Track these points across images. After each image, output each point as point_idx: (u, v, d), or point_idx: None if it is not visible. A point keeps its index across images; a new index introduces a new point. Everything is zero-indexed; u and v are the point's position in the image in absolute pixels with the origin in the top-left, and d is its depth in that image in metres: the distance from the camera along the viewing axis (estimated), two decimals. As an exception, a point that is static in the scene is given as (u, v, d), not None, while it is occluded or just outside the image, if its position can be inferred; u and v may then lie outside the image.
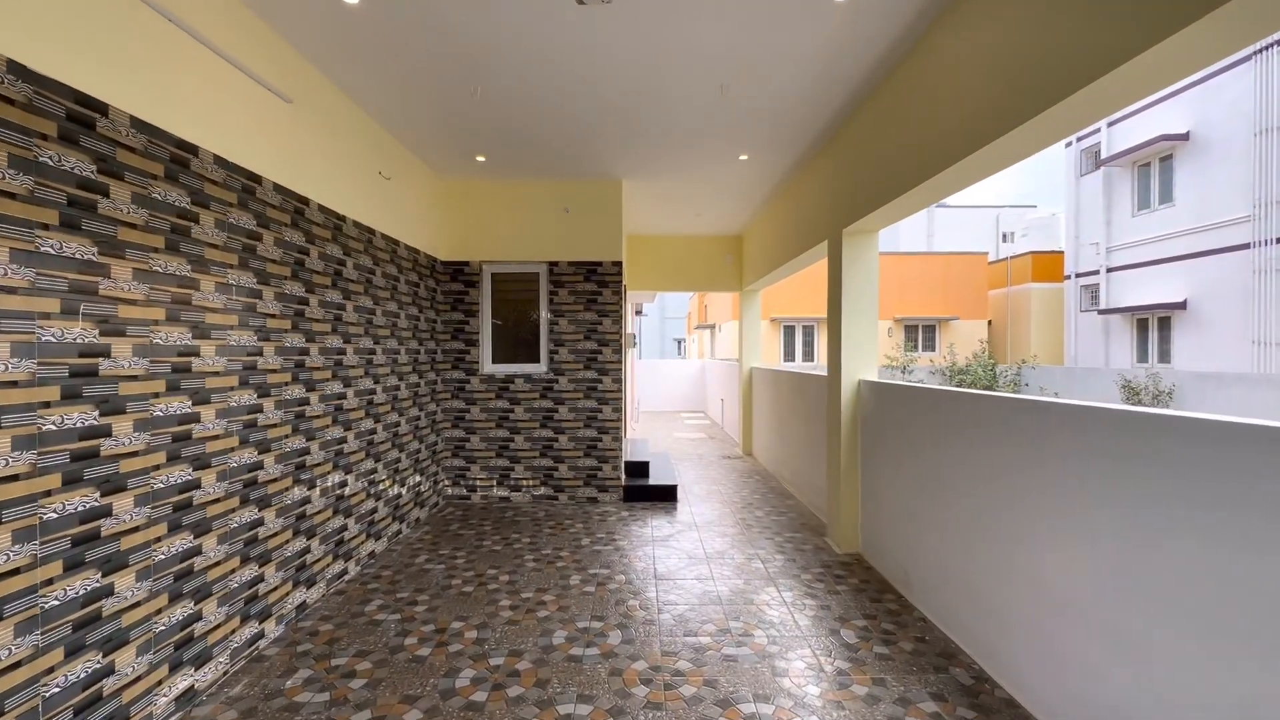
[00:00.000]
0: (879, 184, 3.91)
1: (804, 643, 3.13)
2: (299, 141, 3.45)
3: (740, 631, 3.26)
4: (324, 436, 3.70)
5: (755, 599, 3.68)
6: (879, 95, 3.90)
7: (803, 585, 3.88)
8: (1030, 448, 2.54)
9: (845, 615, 3.44)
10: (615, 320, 6.04)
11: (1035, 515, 2.50)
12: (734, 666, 2.90)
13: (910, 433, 3.64)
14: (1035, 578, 2.49)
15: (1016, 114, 2.53)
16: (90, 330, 2.13)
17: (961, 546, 3.06)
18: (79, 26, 2.09)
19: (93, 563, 2.13)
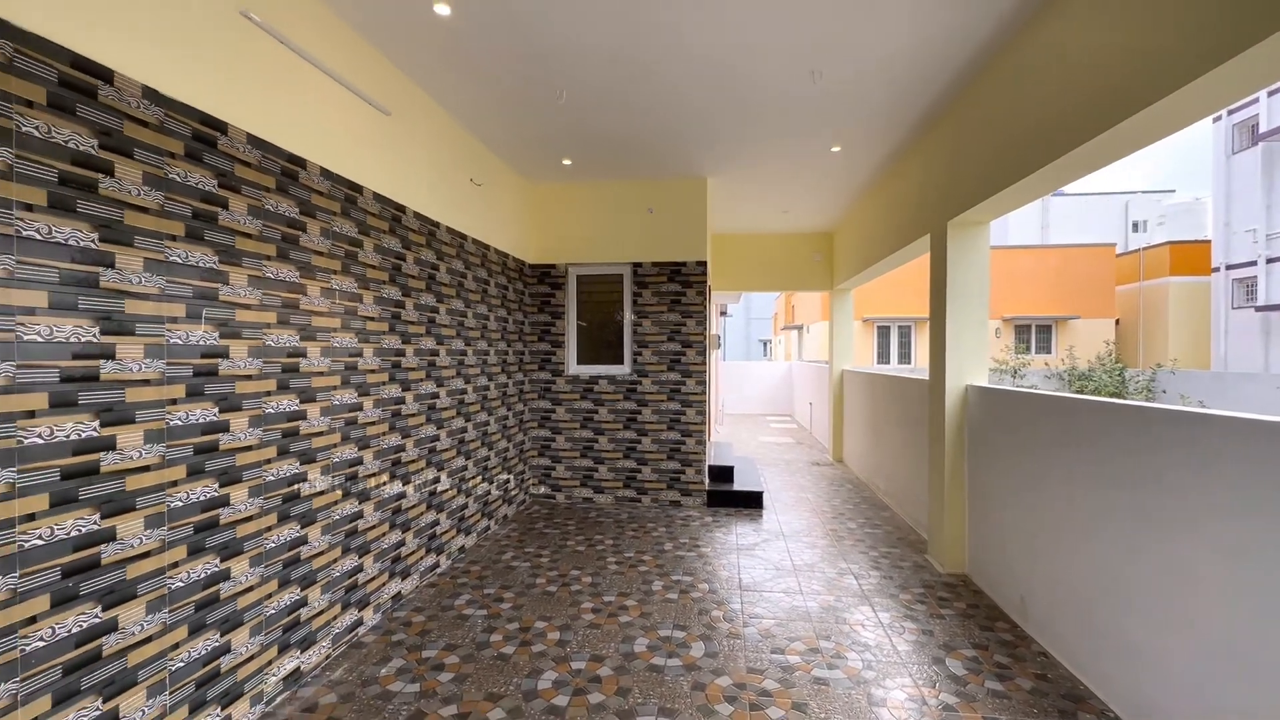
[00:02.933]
0: (990, 171, 3.55)
1: (904, 670, 2.89)
2: (396, 151, 3.61)
3: (832, 652, 3.05)
4: (418, 434, 3.85)
5: (848, 618, 3.44)
6: (991, 72, 3.54)
7: (901, 606, 3.59)
8: (1186, 469, 2.18)
9: (951, 643, 3.14)
10: (699, 321, 5.93)
11: (1196, 546, 2.14)
12: (825, 691, 2.71)
13: (1031, 444, 3.27)
14: (1198, 621, 2.14)
15: (1156, 87, 2.19)
16: (211, 333, 2.31)
17: (1095, 576, 2.69)
18: (203, 52, 2.27)
19: (212, 548, 2.30)
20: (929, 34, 3.23)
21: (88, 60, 1.85)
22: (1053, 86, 2.92)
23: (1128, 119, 2.37)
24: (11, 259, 1.65)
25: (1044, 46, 3.01)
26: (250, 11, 2.45)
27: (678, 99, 4.04)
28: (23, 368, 1.68)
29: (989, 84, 3.59)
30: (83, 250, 1.84)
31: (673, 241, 5.93)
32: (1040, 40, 3.04)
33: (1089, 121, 2.61)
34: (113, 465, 1.93)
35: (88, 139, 1.85)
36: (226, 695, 2.35)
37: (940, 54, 3.44)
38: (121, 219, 1.96)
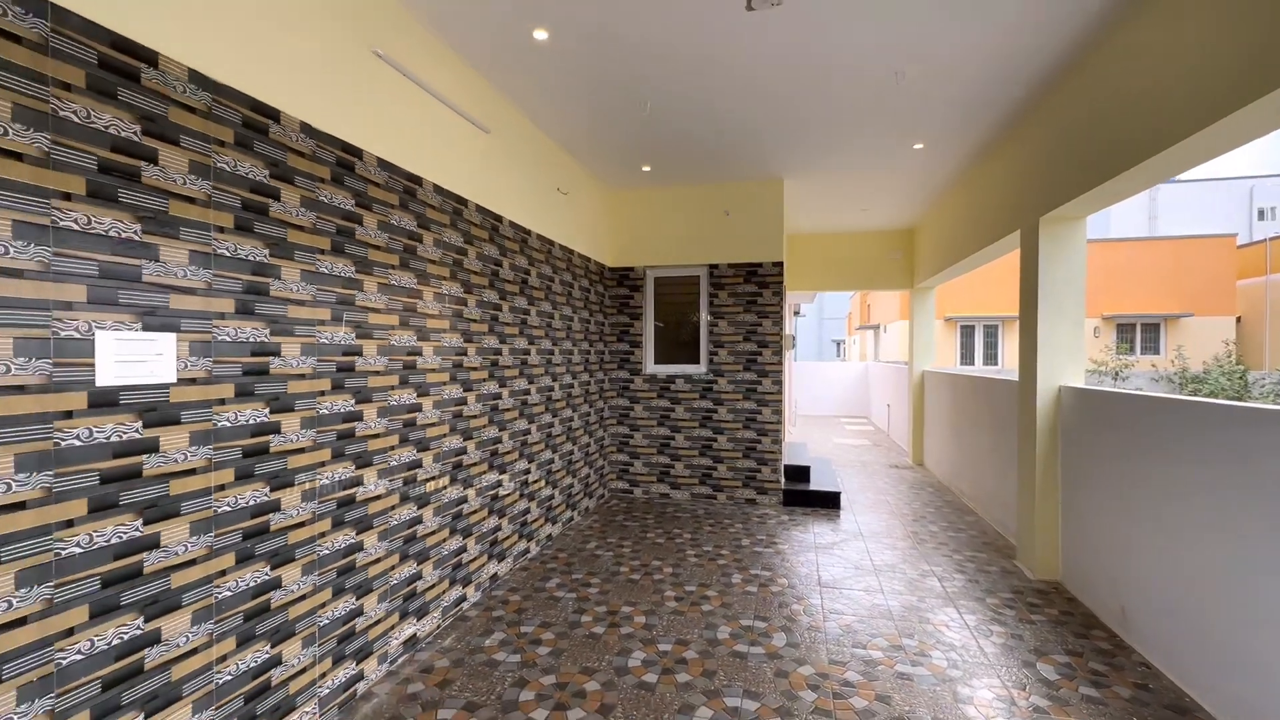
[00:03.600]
0: (1087, 164, 3.44)
1: (991, 671, 2.87)
2: (494, 166, 3.91)
3: (915, 650, 3.07)
4: (512, 428, 4.14)
5: (931, 618, 3.43)
6: (1091, 61, 3.43)
7: (988, 610, 3.54)
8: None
9: (1042, 648, 3.09)
10: (775, 322, 5.97)
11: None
12: (909, 686, 2.75)
13: (1133, 449, 3.15)
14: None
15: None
16: (349, 333, 2.63)
17: (1213, 587, 2.59)
18: (342, 89, 2.59)
19: (350, 522, 2.63)
20: (1018, 28, 3.18)
21: (264, 104, 2.19)
22: (1164, 72, 2.82)
23: (1253, 102, 2.26)
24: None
25: (1154, 28, 2.91)
26: (380, 50, 2.78)
27: (758, 103, 4.14)
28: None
29: (1088, 74, 3.48)
30: (253, 263, 2.17)
31: (749, 243, 6.01)
32: (1148, 23, 2.94)
33: (1204, 108, 2.52)
34: (281, 446, 2.27)
35: (262, 169, 2.19)
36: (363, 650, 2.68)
37: (1029, 46, 3.37)
38: (285, 237, 2.30)
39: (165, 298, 1.85)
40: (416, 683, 2.77)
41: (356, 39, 2.66)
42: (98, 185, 1.67)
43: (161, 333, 1.84)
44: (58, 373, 1.59)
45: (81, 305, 1.64)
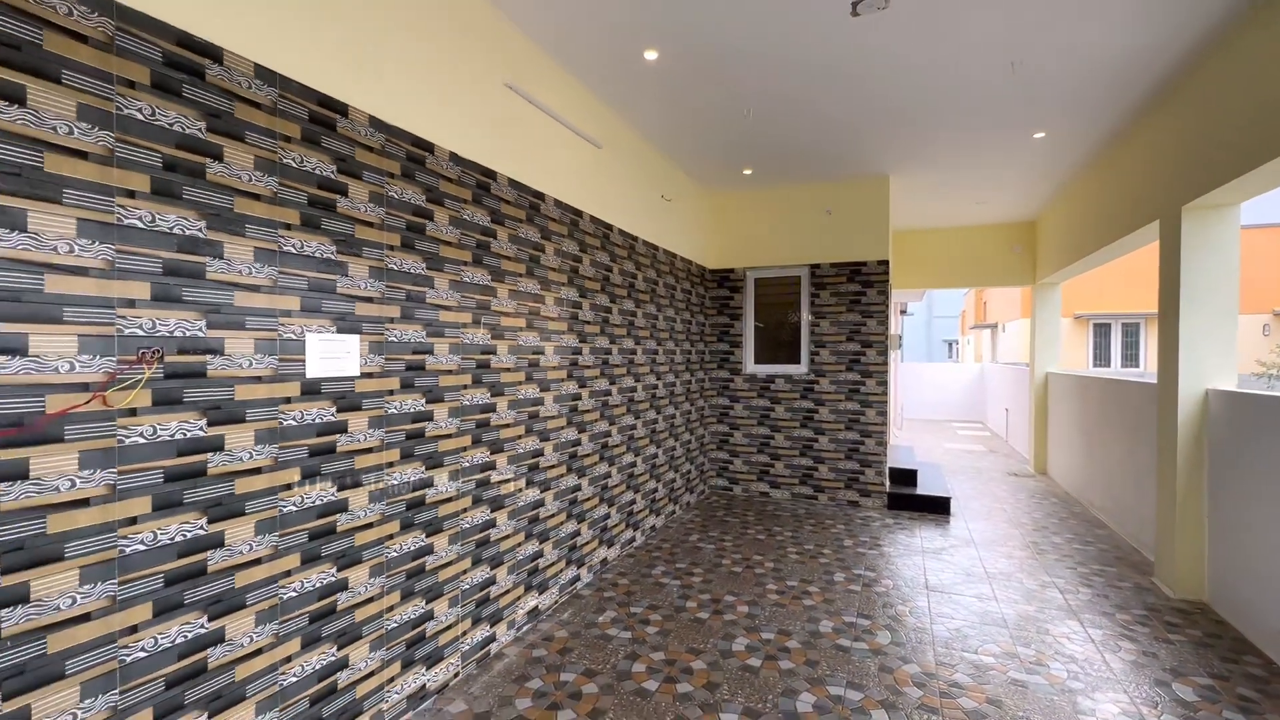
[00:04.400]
0: (1243, 145, 3.15)
1: (1117, 687, 2.74)
2: (604, 177, 4.19)
3: (1031, 659, 2.98)
4: (620, 422, 4.41)
5: (1051, 629, 3.30)
6: (1246, 34, 3.15)
7: (1117, 625, 3.34)
8: None
9: (1180, 669, 2.89)
10: (880, 321, 5.86)
11: None
12: (1024, 692, 2.69)
13: (1288, 457, 2.87)
14: None
15: None
16: (485, 335, 2.99)
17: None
18: (480, 121, 2.95)
19: (485, 501, 2.98)
20: (1150, 9, 2.99)
21: (424, 140, 2.57)
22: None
23: None
24: (371, 280, 2.38)
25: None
26: (511, 82, 3.12)
27: (863, 103, 4.13)
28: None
29: (1246, 44, 3.19)
30: (414, 275, 2.55)
31: (852, 241, 5.94)
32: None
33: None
34: (348, 446, 2.64)
35: (420, 195, 2.57)
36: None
37: (1171, 24, 3.15)
38: (438, 252, 2.67)
39: (351, 306, 2.25)
40: (540, 648, 3.08)
41: (491, 74, 3.01)
42: (310, 216, 2.08)
43: (349, 335, 2.24)
44: (281, 366, 2.00)
45: (297, 312, 2.05)
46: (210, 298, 1.79)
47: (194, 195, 1.75)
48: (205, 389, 1.78)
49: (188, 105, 1.73)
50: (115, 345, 1.58)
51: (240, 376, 1.87)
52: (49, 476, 1.45)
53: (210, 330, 1.79)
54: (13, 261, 1.39)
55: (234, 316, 1.85)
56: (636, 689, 2.70)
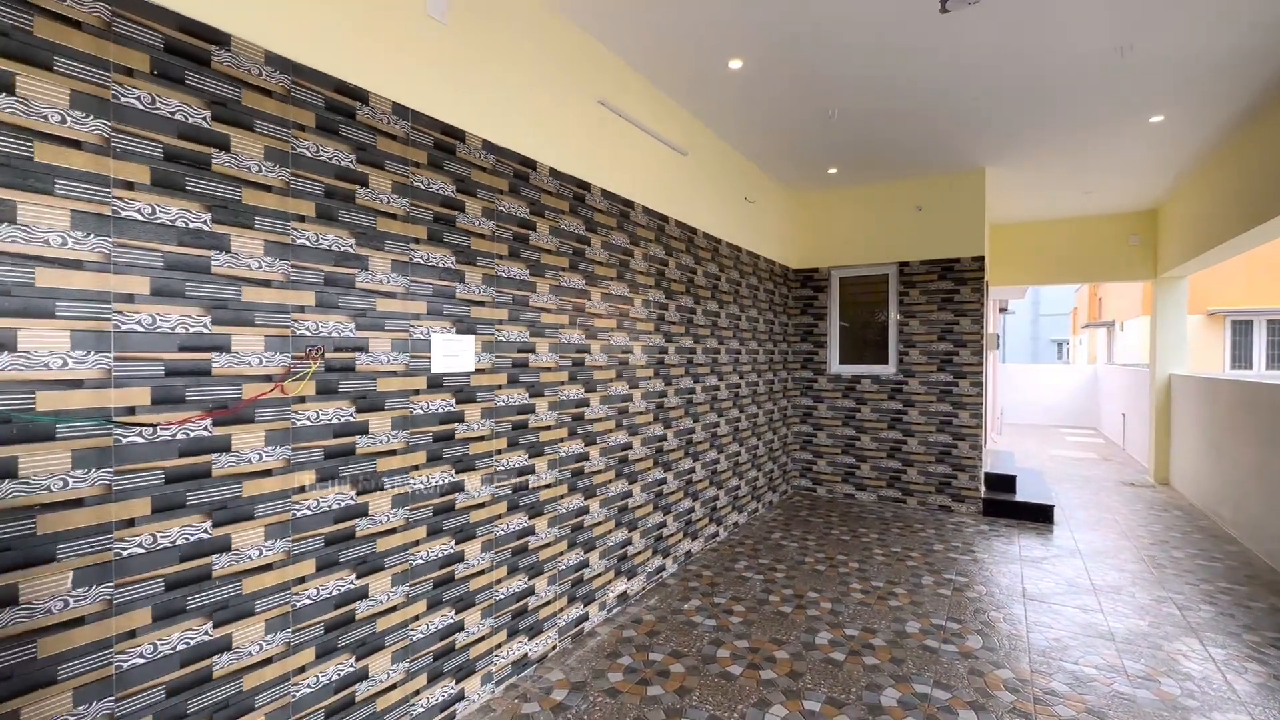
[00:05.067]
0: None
1: (1241, 709, 2.57)
2: (689, 183, 4.34)
3: (1140, 674, 2.84)
4: (704, 420, 4.55)
5: (1165, 646, 3.11)
6: (1398, 2, 2.84)
7: (1245, 646, 3.10)
8: None
9: (1317, 695, 2.66)
10: (975, 320, 5.63)
11: None
12: (1129, 706, 2.59)
13: None
14: None
15: None
16: (580, 335, 3.22)
17: None
18: (574, 136, 3.19)
19: (581, 489, 3.21)
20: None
21: (529, 158, 2.83)
22: None
23: None
24: (485, 288, 2.66)
25: None
26: (604, 99, 3.34)
27: (956, 97, 4.04)
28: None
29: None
30: (519, 280, 2.82)
31: (944, 238, 5.75)
32: None
33: None
34: (464, 434, 2.90)
35: (525, 208, 2.83)
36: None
37: (1309, -3, 2.89)
38: (539, 259, 2.93)
39: (468, 309, 2.54)
40: (629, 630, 3.27)
41: (585, 92, 3.24)
42: (435, 231, 2.38)
43: (466, 335, 2.52)
44: (413, 363, 2.30)
45: (424, 316, 2.34)
46: (358, 304, 2.11)
47: (346, 217, 2.07)
48: (354, 381, 2.10)
49: (344, 142, 2.06)
50: (290, 344, 1.91)
51: (380, 371, 2.18)
52: (245, 450, 1.79)
53: (358, 331, 2.11)
54: (228, 279, 1.74)
55: (376, 320, 2.17)
56: (721, 672, 2.83)
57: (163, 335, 1.63)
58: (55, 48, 1.45)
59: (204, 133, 1.71)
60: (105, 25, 1.53)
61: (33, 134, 1.41)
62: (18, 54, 1.39)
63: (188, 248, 1.67)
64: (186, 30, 1.67)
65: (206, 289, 1.71)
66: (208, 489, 1.71)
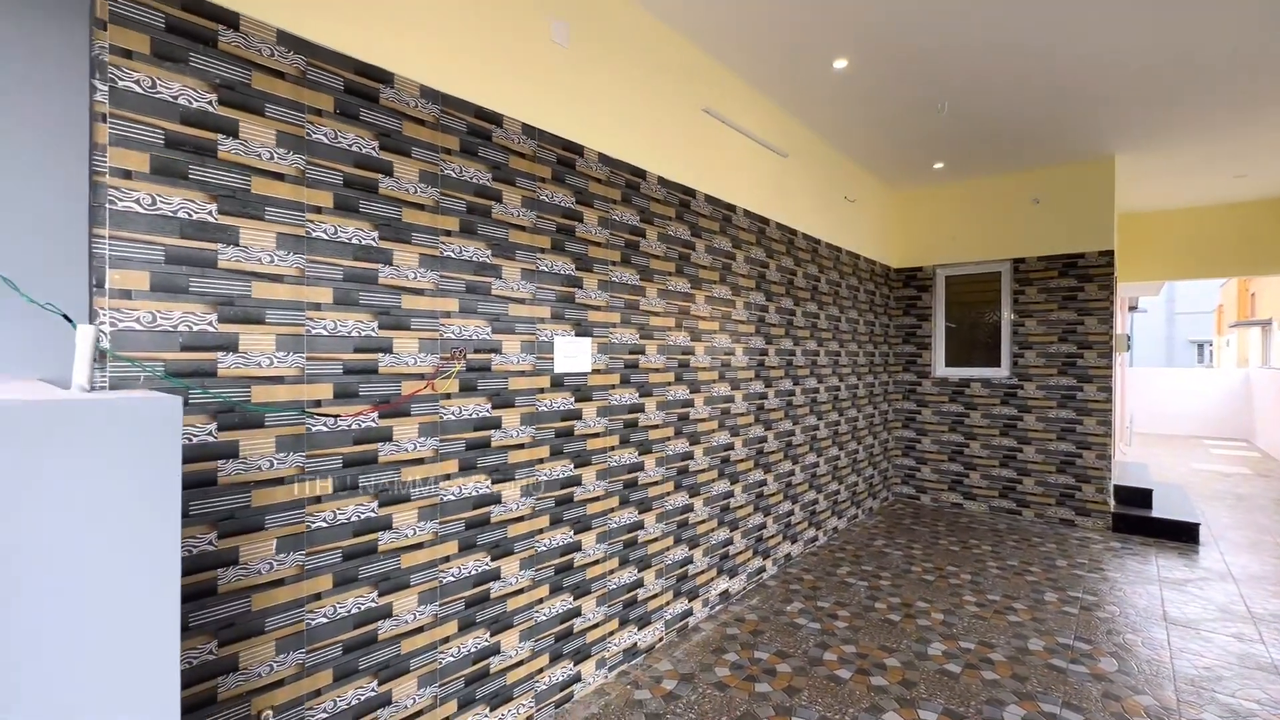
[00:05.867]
0: None
1: None
2: (789, 184, 4.33)
3: (1313, 712, 2.55)
4: (804, 423, 4.51)
5: (1344, 684, 2.76)
6: None
7: None
8: None
9: None
10: (1103, 320, 5.21)
11: None
12: (1300, 745, 2.33)
13: None
14: None
15: None
16: (685, 337, 3.31)
17: None
18: (679, 145, 3.28)
19: (685, 488, 3.30)
20: None
21: (639, 168, 2.96)
22: None
23: None
24: (605, 295, 2.80)
25: None
26: (708, 108, 3.42)
27: (1083, 79, 3.78)
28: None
29: None
30: (630, 286, 2.95)
31: (1065, 231, 5.36)
32: None
33: None
34: (582, 431, 3.02)
35: (634, 216, 2.97)
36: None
37: None
38: (649, 265, 3.05)
39: (585, 313, 2.69)
40: (733, 627, 3.32)
41: (689, 101, 3.34)
42: (557, 240, 2.55)
43: (584, 337, 2.68)
44: (538, 363, 2.48)
45: (548, 319, 2.52)
46: (494, 309, 2.31)
47: (484, 231, 2.27)
48: (490, 380, 2.30)
49: (481, 162, 2.26)
50: (438, 346, 2.13)
51: (511, 371, 2.37)
52: (403, 440, 2.02)
53: (494, 334, 2.31)
54: (390, 289, 1.98)
55: (508, 323, 2.36)
56: (829, 675, 2.82)
57: (342, 338, 1.87)
58: (266, 96, 1.72)
59: (372, 160, 1.95)
60: (301, 73, 1.79)
61: (250, 170, 1.69)
62: (240, 104, 1.67)
63: (361, 262, 1.92)
64: (361, 73, 1.92)
65: (374, 298, 1.95)
66: (374, 473, 1.95)
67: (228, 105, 1.64)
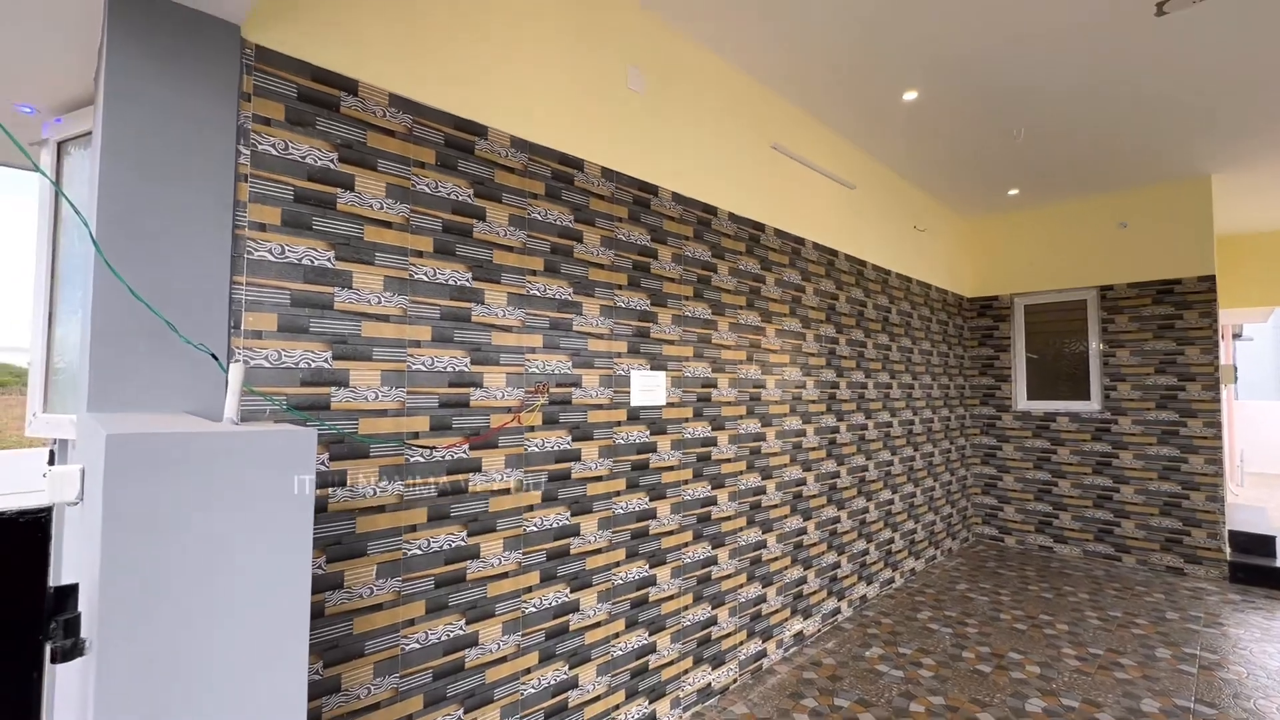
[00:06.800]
0: None
1: None
2: (857, 215, 4.29)
3: None
4: (877, 458, 4.37)
5: None
6: None
7: None
8: None
9: None
10: (1206, 350, 4.84)
11: None
12: None
13: None
14: None
15: None
16: (757, 370, 3.31)
17: None
18: (750, 183, 3.33)
19: (758, 523, 3.25)
20: None
21: (711, 205, 3.03)
22: None
23: None
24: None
25: None
26: (777, 144, 3.47)
27: (1172, 99, 3.62)
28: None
29: None
30: (702, 320, 2.98)
31: (1157, 256, 5.06)
32: None
33: None
34: (657, 464, 3.01)
35: (706, 252, 3.02)
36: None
37: None
38: (720, 299, 3.08)
39: (659, 347, 2.74)
40: (809, 671, 3.20)
41: (758, 139, 3.40)
42: (634, 276, 2.63)
43: (659, 371, 2.72)
44: (615, 397, 2.53)
45: (624, 354, 2.58)
46: (574, 344, 2.39)
47: (567, 270, 2.37)
48: (570, 413, 2.36)
49: (564, 205, 2.38)
50: (524, 380, 2.21)
51: (590, 404, 2.43)
52: (491, 470, 2.10)
53: (574, 369, 2.38)
54: (482, 326, 2.09)
55: (587, 358, 2.43)
56: (917, 728, 2.67)
57: (438, 373, 1.98)
58: (379, 152, 1.88)
59: (468, 207, 2.08)
60: (408, 130, 1.95)
61: (363, 219, 1.84)
62: (357, 160, 1.83)
63: (456, 301, 2.04)
64: (459, 127, 2.07)
65: (467, 335, 2.06)
66: (465, 502, 2.03)
67: (346, 162, 1.81)
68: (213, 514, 0.97)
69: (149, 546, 0.91)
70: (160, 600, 0.91)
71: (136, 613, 0.88)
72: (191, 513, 0.95)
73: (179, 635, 0.92)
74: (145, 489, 0.90)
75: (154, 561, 0.91)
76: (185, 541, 0.94)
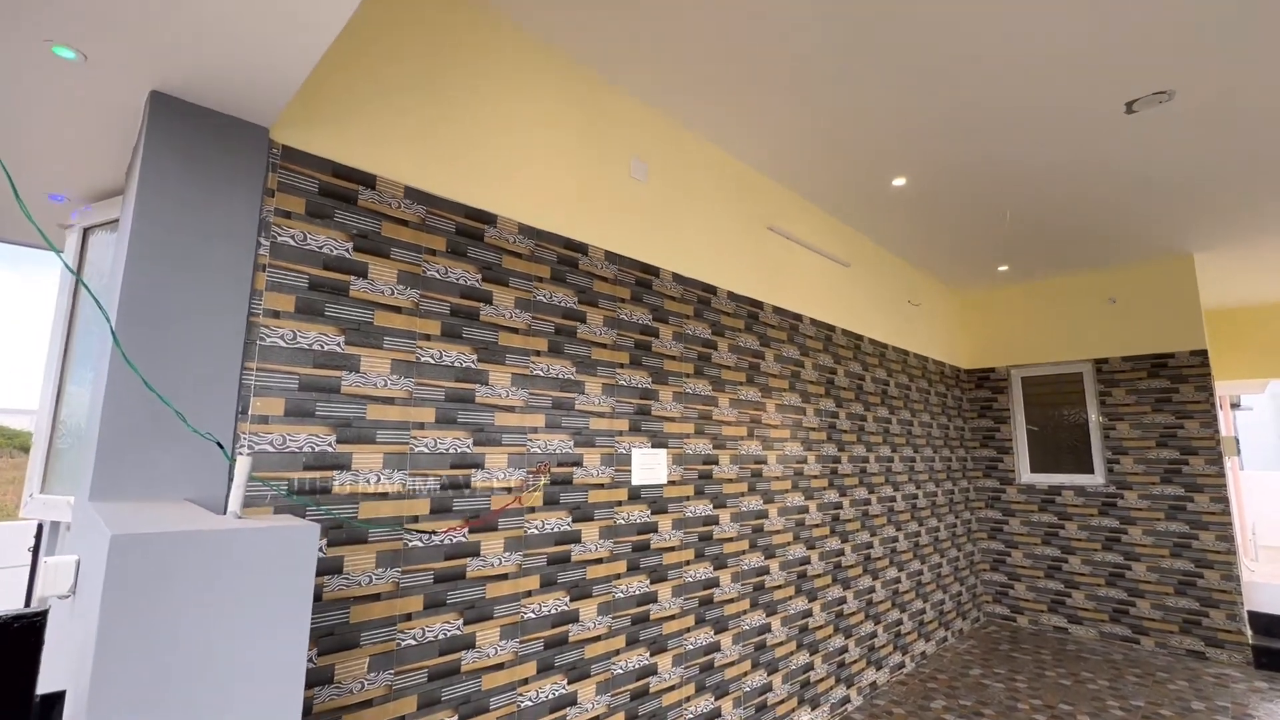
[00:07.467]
0: None
1: None
2: (853, 291, 4.40)
3: None
4: (882, 534, 4.28)
5: None
6: None
7: None
8: None
9: None
10: (1206, 423, 4.84)
11: None
12: None
13: None
14: None
15: None
16: (756, 446, 3.30)
17: None
18: (748, 263, 3.44)
19: (762, 605, 3.15)
20: None
21: (711, 285, 3.12)
22: None
23: None
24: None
25: None
26: (774, 226, 3.61)
27: (1149, 183, 3.80)
28: (685, 470, 2.83)
29: None
30: (703, 397, 3.00)
31: (1148, 330, 5.15)
32: None
33: None
34: (658, 544, 2.96)
35: (706, 330, 3.08)
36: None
37: None
38: (720, 375, 3.12)
39: (660, 425, 2.75)
40: (819, 769, 3.01)
41: (755, 221, 3.53)
42: (636, 355, 2.67)
43: (660, 449, 2.72)
44: (617, 475, 2.52)
45: (625, 431, 2.58)
46: (576, 423, 2.40)
47: (570, 350, 2.41)
48: (571, 494, 2.34)
49: (569, 288, 2.45)
50: (525, 460, 2.21)
51: (591, 483, 2.42)
52: (489, 555, 2.06)
53: (575, 448, 2.38)
54: (485, 407, 2.10)
55: (589, 436, 2.44)
56: (937, 836, 2.49)
57: (440, 455, 1.98)
58: (393, 241, 1.96)
59: (476, 291, 2.15)
60: (421, 220, 2.04)
61: (375, 304, 1.89)
62: (371, 249, 1.91)
63: (461, 382, 2.06)
64: (470, 216, 2.17)
65: (471, 415, 2.08)
66: (461, 589, 1.98)
67: (361, 251, 1.88)
68: (209, 616, 0.96)
69: (143, 657, 0.89)
70: (150, 712, 0.88)
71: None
72: (189, 616, 0.94)
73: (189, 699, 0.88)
74: (146, 596, 0.89)
75: (147, 672, 0.89)
76: (180, 649, 0.92)
